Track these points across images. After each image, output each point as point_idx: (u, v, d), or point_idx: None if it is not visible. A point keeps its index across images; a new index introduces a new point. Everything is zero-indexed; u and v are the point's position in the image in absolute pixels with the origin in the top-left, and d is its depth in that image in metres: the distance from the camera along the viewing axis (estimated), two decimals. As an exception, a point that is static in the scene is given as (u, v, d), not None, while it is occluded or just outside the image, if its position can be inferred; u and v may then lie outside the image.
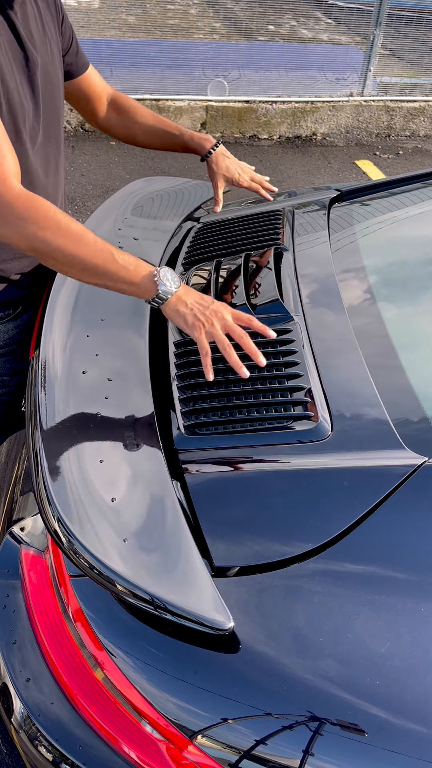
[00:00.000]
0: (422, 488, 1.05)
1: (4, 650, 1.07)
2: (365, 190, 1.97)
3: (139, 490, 1.06)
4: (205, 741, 0.91)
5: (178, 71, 5.47)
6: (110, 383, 1.23)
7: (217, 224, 1.77)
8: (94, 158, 4.82)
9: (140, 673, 0.94)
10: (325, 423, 1.12)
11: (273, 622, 0.95)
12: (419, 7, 6.06)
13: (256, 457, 1.11)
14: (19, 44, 1.31)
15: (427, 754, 0.87)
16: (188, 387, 1.23)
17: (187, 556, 0.97)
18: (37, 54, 1.36)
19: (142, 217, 1.78)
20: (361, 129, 5.75)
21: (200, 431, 1.15)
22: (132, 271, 1.21)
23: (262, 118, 5.47)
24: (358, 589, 0.97)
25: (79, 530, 0.98)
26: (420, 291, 1.55)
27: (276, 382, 1.21)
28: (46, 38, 1.41)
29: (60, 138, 1.53)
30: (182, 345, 1.31)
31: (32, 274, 1.55)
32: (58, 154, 1.53)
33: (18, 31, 1.30)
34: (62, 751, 0.98)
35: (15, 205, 1.17)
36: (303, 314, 1.35)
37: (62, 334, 1.33)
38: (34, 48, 1.35)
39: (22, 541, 1.18)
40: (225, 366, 1.25)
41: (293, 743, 0.89)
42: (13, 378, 1.63)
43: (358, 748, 0.88)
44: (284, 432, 1.13)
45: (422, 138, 5.87)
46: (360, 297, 1.47)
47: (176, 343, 1.32)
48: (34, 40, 1.35)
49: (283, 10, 6.15)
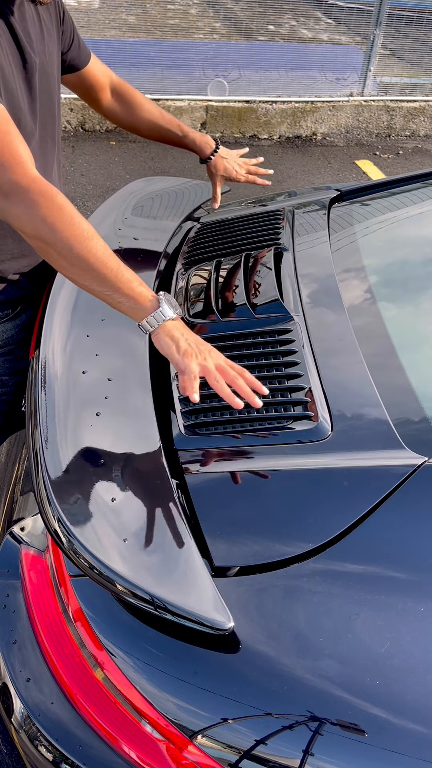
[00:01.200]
0: (422, 488, 1.04)
1: (4, 650, 1.07)
2: (365, 190, 1.96)
3: (140, 490, 1.06)
4: (205, 741, 0.91)
5: (178, 71, 5.47)
6: (110, 383, 1.23)
7: (217, 224, 1.77)
8: (94, 158, 4.81)
9: (140, 673, 0.94)
10: (325, 423, 1.12)
11: (273, 622, 0.95)
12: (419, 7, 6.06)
13: (256, 457, 1.11)
14: (17, 46, 1.31)
15: (427, 754, 0.87)
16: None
17: (187, 556, 0.97)
18: (35, 55, 1.36)
19: (142, 217, 1.78)
20: (361, 129, 5.75)
21: (200, 431, 1.15)
22: (134, 286, 1.17)
23: (262, 118, 5.47)
24: (358, 589, 0.97)
25: (79, 530, 0.98)
26: (420, 291, 1.55)
27: (276, 382, 1.21)
28: (44, 38, 1.41)
29: (57, 138, 1.54)
30: None
31: (31, 274, 1.55)
32: (54, 154, 1.54)
33: (16, 32, 1.30)
34: (62, 751, 0.98)
35: (31, 187, 1.15)
36: (303, 314, 1.35)
37: (62, 334, 1.33)
38: (32, 49, 1.35)
39: (22, 541, 1.18)
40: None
41: (293, 743, 0.89)
42: (12, 378, 1.63)
43: (358, 748, 0.88)
44: (284, 432, 1.13)
45: (422, 138, 5.87)
46: (360, 297, 1.47)
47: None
48: (32, 41, 1.36)
49: (283, 10, 6.14)
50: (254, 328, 1.32)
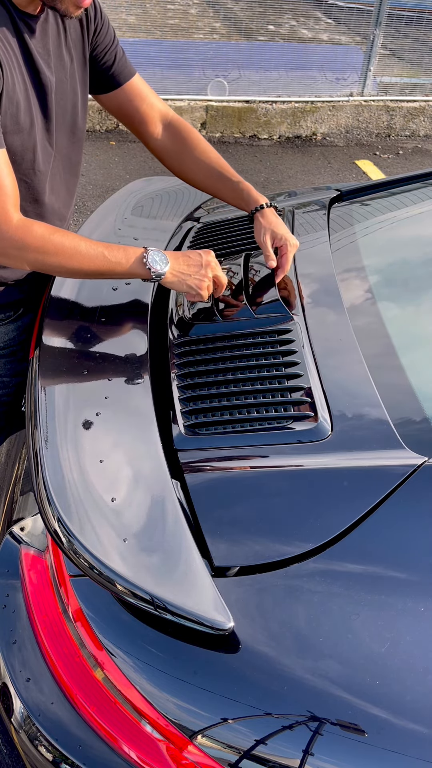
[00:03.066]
0: (422, 488, 1.04)
1: (4, 650, 1.07)
2: (365, 190, 1.96)
3: (140, 490, 1.06)
4: (205, 741, 0.91)
5: (178, 71, 5.46)
6: (110, 383, 1.23)
7: (217, 224, 1.77)
8: (94, 158, 4.81)
9: (140, 673, 0.94)
10: (325, 423, 1.12)
11: (273, 622, 0.95)
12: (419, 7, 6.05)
13: (256, 457, 1.11)
14: (32, 64, 1.30)
15: (427, 754, 0.87)
16: (188, 387, 1.23)
17: (187, 556, 0.97)
18: (51, 73, 1.34)
19: (142, 217, 1.78)
20: (361, 129, 5.75)
21: (200, 431, 1.15)
22: (124, 264, 1.30)
23: (262, 118, 5.47)
24: (358, 589, 0.97)
25: (79, 530, 0.98)
26: (420, 291, 1.55)
27: (276, 382, 1.21)
28: (65, 54, 1.38)
29: (74, 156, 1.50)
30: (183, 345, 1.31)
31: (32, 276, 1.55)
32: (70, 172, 1.51)
33: (30, 50, 1.29)
34: (62, 751, 0.98)
35: (14, 237, 1.24)
36: (303, 314, 1.35)
37: (62, 334, 1.33)
38: (48, 67, 1.33)
39: (22, 541, 1.18)
40: (225, 366, 1.25)
41: (293, 743, 0.89)
42: (13, 379, 1.63)
43: (358, 748, 0.88)
44: (284, 432, 1.13)
45: (422, 138, 5.87)
46: (360, 297, 1.47)
47: (176, 344, 1.32)
48: (49, 58, 1.33)
49: (283, 10, 6.14)
50: (254, 328, 1.32)
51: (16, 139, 1.30)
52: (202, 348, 1.30)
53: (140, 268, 1.30)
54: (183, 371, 1.26)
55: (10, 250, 1.26)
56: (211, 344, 1.31)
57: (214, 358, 1.27)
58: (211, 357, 1.28)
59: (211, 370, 1.25)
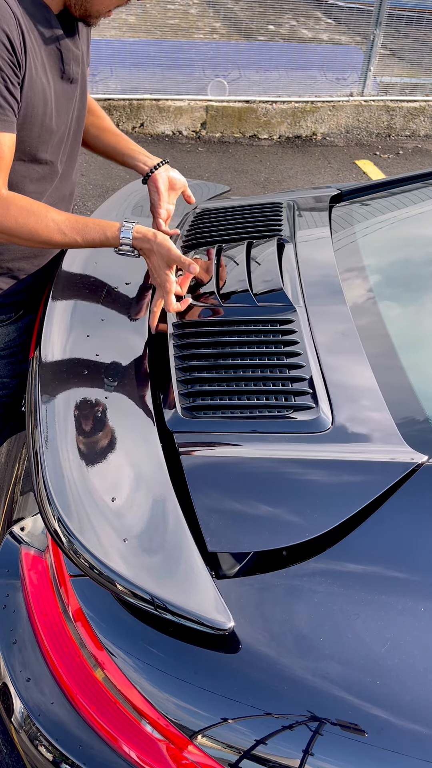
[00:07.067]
0: (423, 488, 1.04)
1: (4, 650, 1.07)
2: (365, 190, 1.96)
3: (140, 491, 1.06)
4: (205, 741, 0.91)
5: (178, 71, 5.46)
6: (110, 383, 1.23)
7: (218, 211, 1.77)
8: (94, 158, 4.81)
9: (140, 673, 0.94)
10: (325, 415, 1.12)
11: (273, 622, 0.95)
12: (419, 7, 6.05)
13: (253, 445, 1.11)
14: (61, 59, 1.38)
15: (427, 754, 0.87)
16: (188, 369, 1.23)
17: (187, 556, 0.97)
18: (77, 67, 1.43)
19: (142, 217, 1.78)
20: (361, 129, 5.75)
21: (198, 414, 1.15)
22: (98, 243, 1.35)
23: (262, 118, 5.47)
24: (358, 589, 0.97)
25: (79, 530, 0.98)
26: (420, 290, 1.55)
27: (277, 371, 1.21)
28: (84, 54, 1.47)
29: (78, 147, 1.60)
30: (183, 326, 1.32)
31: (34, 277, 1.55)
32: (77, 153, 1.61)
33: (60, 48, 1.37)
34: (62, 751, 0.98)
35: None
36: (305, 306, 1.35)
37: (62, 334, 1.33)
38: (74, 61, 1.41)
39: (22, 541, 1.18)
40: (226, 350, 1.24)
41: (293, 743, 0.89)
42: (13, 380, 1.63)
43: (358, 748, 0.87)
44: (284, 421, 1.13)
45: (422, 138, 5.87)
46: (360, 296, 1.47)
47: (177, 325, 1.33)
48: (81, 54, 1.43)
49: (283, 10, 6.14)
50: (257, 316, 1.32)
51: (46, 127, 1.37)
52: (203, 331, 1.31)
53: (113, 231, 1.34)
54: (183, 353, 1.25)
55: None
56: (213, 328, 1.30)
57: (215, 342, 1.27)
58: (212, 341, 1.28)
59: (211, 354, 1.25)
